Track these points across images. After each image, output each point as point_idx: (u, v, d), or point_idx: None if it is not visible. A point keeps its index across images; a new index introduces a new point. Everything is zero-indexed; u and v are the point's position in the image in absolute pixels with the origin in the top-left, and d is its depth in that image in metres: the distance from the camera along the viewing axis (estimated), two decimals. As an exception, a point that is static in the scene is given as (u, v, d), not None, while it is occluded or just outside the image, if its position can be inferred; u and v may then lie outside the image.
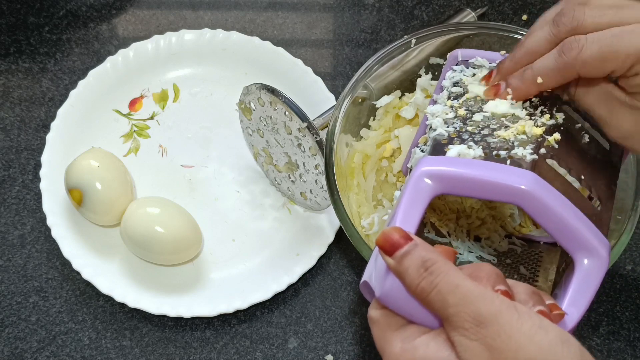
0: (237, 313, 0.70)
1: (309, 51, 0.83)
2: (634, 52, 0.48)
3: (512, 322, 0.39)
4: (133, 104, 0.79)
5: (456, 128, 0.53)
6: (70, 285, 0.71)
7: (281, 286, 0.69)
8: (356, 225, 0.62)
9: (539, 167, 0.49)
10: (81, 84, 0.77)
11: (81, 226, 0.71)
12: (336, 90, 0.79)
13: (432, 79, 0.70)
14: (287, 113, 0.66)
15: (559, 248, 0.61)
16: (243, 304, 0.68)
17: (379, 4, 0.85)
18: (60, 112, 0.76)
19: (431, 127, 0.55)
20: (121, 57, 0.79)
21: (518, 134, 0.52)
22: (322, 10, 0.85)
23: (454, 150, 0.51)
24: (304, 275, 0.70)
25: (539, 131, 0.52)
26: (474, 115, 0.54)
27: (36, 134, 0.77)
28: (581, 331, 0.69)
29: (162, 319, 0.69)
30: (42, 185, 0.72)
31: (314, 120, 0.68)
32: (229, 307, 0.68)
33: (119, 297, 0.68)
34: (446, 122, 0.54)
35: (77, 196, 0.68)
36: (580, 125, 0.55)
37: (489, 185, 0.46)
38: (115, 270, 0.70)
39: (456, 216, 0.65)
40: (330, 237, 0.71)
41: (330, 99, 0.77)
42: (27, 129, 0.77)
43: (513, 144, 0.51)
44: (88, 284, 0.70)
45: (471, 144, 0.51)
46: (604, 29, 0.49)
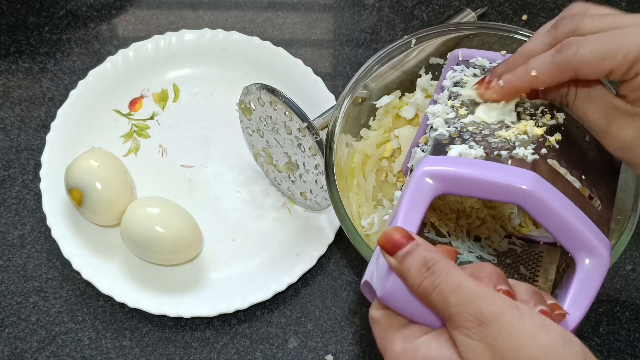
0: (237, 313, 0.70)
1: (309, 51, 0.83)
2: (633, 50, 0.47)
3: (513, 321, 0.39)
4: (133, 104, 0.79)
5: (457, 128, 0.53)
6: (70, 285, 0.71)
7: (281, 286, 0.69)
8: (356, 225, 0.62)
9: (540, 167, 0.49)
10: (81, 84, 0.77)
11: (81, 226, 0.71)
12: (336, 90, 0.79)
13: (432, 79, 0.70)
14: (287, 113, 0.66)
15: (559, 248, 0.61)
16: (243, 304, 0.68)
17: (379, 4, 0.85)
18: (60, 112, 0.76)
19: (432, 127, 0.55)
20: (121, 57, 0.79)
21: (519, 134, 0.52)
22: (322, 10, 0.85)
23: (455, 150, 0.51)
24: (304, 275, 0.70)
25: (540, 131, 0.52)
26: (467, 117, 0.54)
27: (36, 134, 0.77)
28: (581, 331, 0.69)
29: (162, 319, 0.69)
30: (42, 185, 0.72)
31: (314, 120, 0.68)
32: (229, 307, 0.68)
33: (119, 297, 0.68)
34: (447, 122, 0.54)
35: (77, 196, 0.68)
36: (580, 125, 0.55)
37: (490, 185, 0.46)
38: (115, 270, 0.70)
39: (456, 216, 0.65)
40: (330, 237, 0.71)
41: (330, 99, 0.77)
42: (27, 129, 0.77)
43: (514, 144, 0.51)
44: (88, 284, 0.70)
45: (472, 143, 0.51)
46: (603, 31, 0.49)
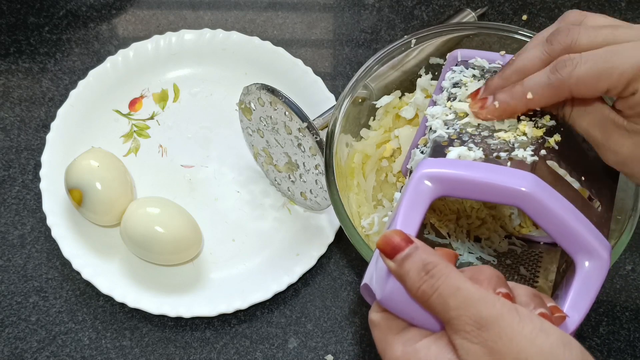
0: (237, 313, 0.70)
1: (309, 51, 0.83)
2: (629, 69, 0.47)
3: (513, 325, 0.39)
4: (133, 104, 0.79)
5: (456, 130, 0.53)
6: (70, 285, 0.71)
7: (281, 286, 0.69)
8: (356, 226, 0.62)
9: (539, 168, 0.49)
10: (81, 84, 0.77)
11: (81, 226, 0.71)
12: (336, 90, 0.79)
13: (432, 79, 0.70)
14: (287, 113, 0.66)
15: (559, 248, 0.61)
16: (243, 304, 0.68)
17: (379, 4, 0.85)
18: (60, 112, 0.76)
19: (431, 129, 0.55)
20: (121, 57, 0.79)
21: (518, 135, 0.52)
22: (322, 10, 0.85)
23: (454, 152, 0.51)
24: (304, 275, 0.70)
25: (539, 132, 0.52)
26: (466, 118, 0.54)
27: (36, 134, 0.77)
28: (581, 331, 0.69)
29: (162, 319, 0.69)
30: (42, 185, 0.72)
31: (314, 120, 0.68)
32: (229, 307, 0.68)
33: (119, 297, 0.68)
34: (446, 124, 0.54)
35: (77, 196, 0.68)
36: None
37: (489, 188, 0.46)
38: (115, 270, 0.70)
39: (456, 216, 0.65)
40: (330, 237, 0.71)
41: (330, 99, 0.77)
42: (27, 129, 0.77)
43: (513, 145, 0.51)
44: (88, 284, 0.70)
45: (471, 145, 0.51)
46: (599, 47, 0.48)
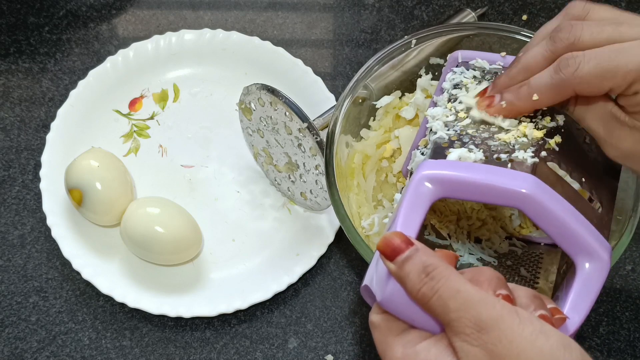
0: (237, 313, 0.70)
1: (309, 51, 0.83)
2: (632, 70, 0.47)
3: (513, 327, 0.39)
4: (133, 104, 0.79)
5: (457, 131, 0.53)
6: (70, 285, 0.71)
7: (281, 286, 0.69)
8: (356, 226, 0.62)
9: (539, 170, 0.49)
10: (81, 84, 0.77)
11: (81, 226, 0.71)
12: (336, 90, 0.79)
13: (432, 79, 0.70)
14: (287, 113, 0.66)
15: (560, 249, 0.60)
16: (243, 304, 0.68)
17: (379, 4, 0.85)
18: (60, 112, 0.76)
19: (431, 130, 0.55)
20: (121, 57, 0.79)
21: (519, 136, 0.52)
22: (322, 10, 0.85)
23: (454, 153, 0.50)
24: (304, 275, 0.70)
25: (540, 134, 0.52)
26: (466, 120, 0.54)
27: (36, 134, 0.77)
28: (581, 331, 0.69)
29: (162, 319, 0.69)
30: (42, 185, 0.72)
31: (314, 120, 0.68)
32: (229, 307, 0.68)
33: (119, 297, 0.68)
34: (446, 125, 0.54)
35: (77, 196, 0.68)
36: (580, 127, 0.55)
37: (489, 189, 0.46)
38: (115, 270, 0.70)
39: (456, 217, 0.65)
40: (330, 237, 0.71)
41: (330, 99, 0.77)
42: (27, 129, 0.77)
43: (514, 147, 0.51)
44: (88, 284, 0.70)
45: (472, 147, 0.51)
46: (602, 45, 0.48)
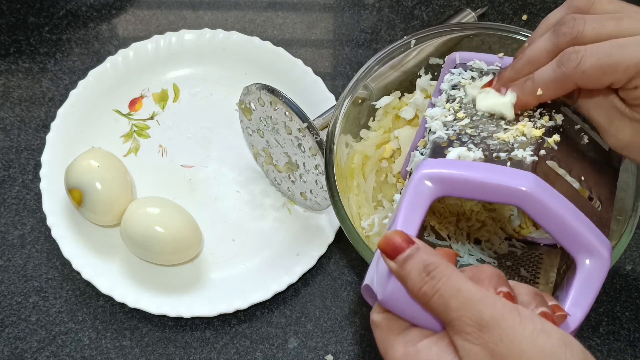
0: (237, 313, 0.70)
1: (309, 51, 0.83)
2: (633, 65, 0.48)
3: (514, 326, 0.39)
4: (133, 104, 0.79)
5: (456, 131, 0.53)
6: (70, 285, 0.71)
7: (281, 286, 0.69)
8: (356, 227, 0.62)
9: (539, 168, 0.49)
10: (81, 84, 0.77)
11: (81, 226, 0.71)
12: (336, 90, 0.79)
13: (431, 79, 0.70)
14: (287, 113, 0.66)
15: (559, 250, 0.61)
16: (243, 304, 0.68)
17: (379, 4, 0.85)
18: (60, 112, 0.76)
19: (430, 130, 0.55)
20: (121, 57, 0.79)
21: (517, 135, 0.52)
22: (322, 10, 0.85)
23: (453, 152, 0.51)
24: (304, 275, 0.70)
25: (539, 133, 0.52)
26: (473, 117, 0.54)
27: (36, 134, 0.77)
28: (581, 331, 0.69)
29: (162, 319, 0.69)
30: (42, 185, 0.72)
31: (314, 120, 0.68)
32: (229, 307, 0.68)
33: (119, 297, 0.68)
34: (445, 125, 0.54)
35: (77, 196, 0.68)
36: (579, 126, 0.55)
37: (489, 187, 0.46)
38: (115, 270, 0.70)
39: (456, 219, 0.65)
40: (330, 237, 0.71)
41: (330, 99, 0.77)
42: (27, 129, 0.77)
43: (513, 145, 0.51)
44: (88, 284, 0.70)
45: (471, 146, 0.51)
46: (604, 40, 0.49)
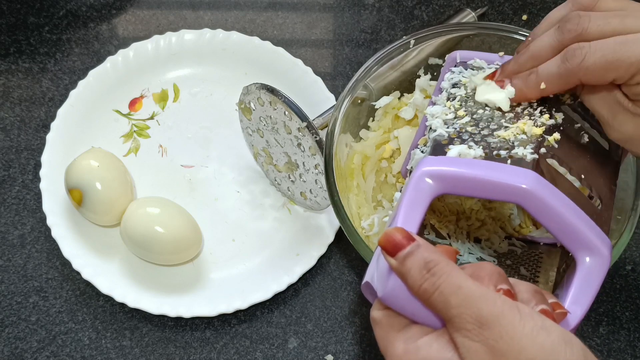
0: (237, 313, 0.70)
1: (309, 51, 0.83)
2: (636, 62, 0.48)
3: (514, 323, 0.39)
4: (133, 104, 0.79)
5: (456, 129, 0.53)
6: (70, 285, 0.71)
7: (281, 286, 0.69)
8: (356, 227, 0.62)
9: (539, 166, 0.50)
10: (81, 84, 0.77)
11: (81, 226, 0.71)
12: (336, 90, 0.79)
13: (431, 79, 0.70)
14: (286, 113, 0.66)
15: (559, 249, 0.61)
16: (243, 304, 0.68)
17: (379, 4, 0.85)
18: (60, 112, 0.76)
19: (431, 128, 0.55)
20: (121, 57, 0.79)
21: (518, 134, 0.52)
22: (322, 10, 0.85)
23: (454, 150, 0.51)
24: (304, 275, 0.70)
25: (539, 131, 0.52)
26: (474, 115, 0.54)
27: (36, 134, 0.77)
28: (581, 331, 0.69)
29: (162, 319, 0.69)
30: (42, 185, 0.72)
31: (313, 120, 0.68)
32: (229, 307, 0.68)
33: (119, 297, 0.68)
34: (446, 123, 0.54)
35: (77, 196, 0.68)
36: (579, 125, 0.55)
37: (490, 185, 0.46)
38: (115, 270, 0.70)
39: (456, 218, 0.65)
40: (330, 237, 0.71)
41: (330, 99, 0.77)
42: (27, 129, 0.77)
43: (513, 143, 0.51)
44: (88, 284, 0.70)
45: (471, 144, 0.51)
46: (608, 36, 0.49)
